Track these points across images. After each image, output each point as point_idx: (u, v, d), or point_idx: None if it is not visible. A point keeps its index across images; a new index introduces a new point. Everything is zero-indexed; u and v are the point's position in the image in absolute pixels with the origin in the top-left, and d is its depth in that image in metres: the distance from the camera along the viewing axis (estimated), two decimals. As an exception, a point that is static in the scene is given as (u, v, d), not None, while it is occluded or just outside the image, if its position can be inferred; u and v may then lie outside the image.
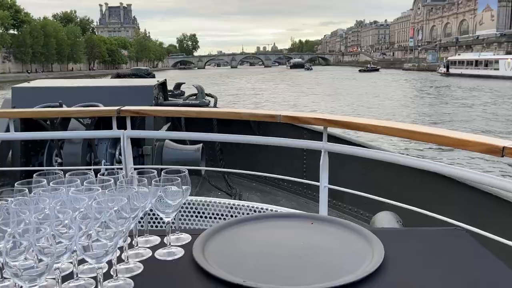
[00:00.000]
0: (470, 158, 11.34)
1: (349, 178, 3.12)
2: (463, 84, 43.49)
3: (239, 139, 2.64)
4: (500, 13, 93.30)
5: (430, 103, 29.22)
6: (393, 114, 23.11)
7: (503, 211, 2.57)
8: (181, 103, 5.55)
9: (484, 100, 29.74)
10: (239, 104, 30.03)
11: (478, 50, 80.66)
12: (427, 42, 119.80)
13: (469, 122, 19.91)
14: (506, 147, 1.40)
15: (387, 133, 1.91)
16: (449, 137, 1.62)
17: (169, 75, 53.27)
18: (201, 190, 4.60)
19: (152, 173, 1.22)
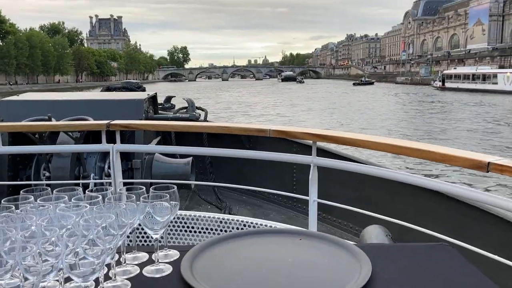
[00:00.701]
0: (460, 173, 11.32)
1: (339, 192, 3.27)
2: (462, 99, 42.36)
3: (229, 153, 2.65)
4: (491, 28, 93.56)
5: (429, 118, 28.17)
6: (392, 130, 22.70)
7: (490, 225, 2.58)
8: (172, 116, 5.45)
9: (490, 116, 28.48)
10: (230, 117, 29.55)
11: (470, 64, 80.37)
12: (418, 56, 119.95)
13: (470, 139, 19.30)
14: (491, 163, 1.42)
15: (374, 148, 1.93)
16: (436, 152, 1.65)
17: (159, 88, 51.63)
18: (190, 204, 4.56)
19: (140, 189, 1.23)
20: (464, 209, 2.73)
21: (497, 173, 1.42)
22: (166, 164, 4.16)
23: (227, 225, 2.31)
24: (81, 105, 4.52)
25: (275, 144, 3.97)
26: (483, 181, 10.67)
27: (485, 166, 1.44)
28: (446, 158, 1.61)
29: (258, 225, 2.29)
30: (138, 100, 4.57)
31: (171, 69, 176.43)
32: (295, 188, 4.35)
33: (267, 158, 2.54)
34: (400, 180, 1.95)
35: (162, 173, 4.04)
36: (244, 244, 1.27)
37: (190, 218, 2.31)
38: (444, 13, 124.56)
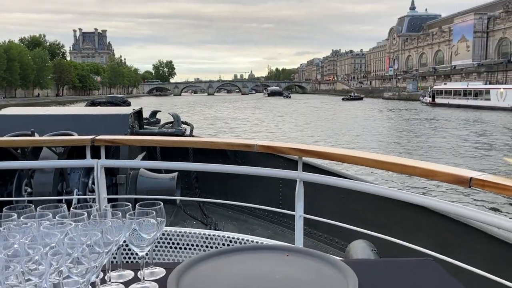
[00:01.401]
0: (447, 188, 11.27)
1: (325, 207, 3.29)
2: (454, 115, 41.46)
3: (215, 169, 2.65)
4: (475, 44, 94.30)
5: (421, 134, 27.17)
6: (383, 146, 22.41)
7: (472, 240, 2.62)
8: (157, 131, 5.34)
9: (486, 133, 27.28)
10: (215, 133, 28.50)
11: (457, 79, 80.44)
12: (403, 72, 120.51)
13: (462, 156, 18.96)
14: (473, 178, 1.44)
15: (359, 163, 1.95)
16: (418, 168, 1.67)
17: (143, 102, 49.68)
18: (175, 219, 4.51)
19: (126, 206, 1.21)
20: (447, 224, 2.74)
21: (479, 188, 1.43)
22: (151, 179, 4.04)
23: (213, 241, 2.31)
24: (65, 120, 4.44)
25: (261, 159, 3.92)
26: (466, 195, 10.74)
27: (467, 181, 1.45)
28: (429, 173, 1.63)
29: (244, 241, 2.30)
30: (123, 115, 4.48)
31: (156, 83, 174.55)
32: (281, 203, 4.27)
33: (254, 173, 2.56)
34: (384, 195, 1.96)
35: (147, 189, 3.93)
36: (231, 261, 1.26)
37: (176, 234, 2.32)
38: (428, 29, 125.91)
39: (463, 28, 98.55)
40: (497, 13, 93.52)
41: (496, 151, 20.33)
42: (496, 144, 22.70)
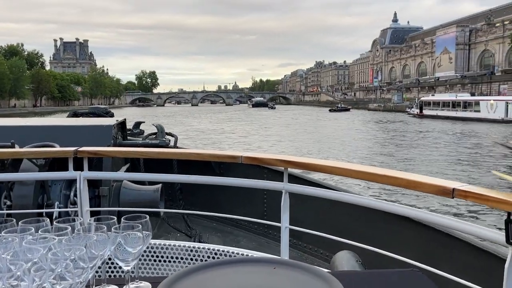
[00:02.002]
0: (432, 198, 11.11)
1: (310, 218, 3.26)
2: (445, 127, 40.72)
3: (200, 180, 2.65)
4: (458, 56, 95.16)
5: (410, 146, 26.29)
6: (372, 158, 22.10)
7: (456, 250, 2.66)
8: (141, 142, 5.28)
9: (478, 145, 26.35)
10: (200, 144, 28.32)
11: (441, 91, 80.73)
12: (386, 83, 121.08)
13: (451, 167, 18.76)
14: (455, 189, 1.46)
15: (344, 174, 1.97)
16: (402, 179, 1.69)
17: (125, 113, 47.95)
18: (159, 232, 4.46)
19: (111, 219, 1.19)
20: (431, 234, 2.76)
21: (462, 198, 1.45)
22: (134, 191, 3.96)
23: (198, 253, 2.30)
24: (46, 131, 4.35)
25: (246, 170, 3.88)
26: (451, 206, 10.77)
27: (450, 192, 1.47)
28: (413, 184, 1.64)
29: (229, 253, 2.29)
30: (107, 126, 4.45)
31: (139, 94, 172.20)
32: (266, 214, 4.23)
33: (239, 185, 2.57)
34: (369, 205, 1.98)
35: (131, 201, 3.85)
36: (218, 274, 1.25)
37: (160, 247, 2.29)
38: (411, 41, 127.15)
39: (445, 40, 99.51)
40: (478, 25, 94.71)
41: (486, 163, 19.96)
42: (487, 156, 22.20)
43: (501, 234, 1.31)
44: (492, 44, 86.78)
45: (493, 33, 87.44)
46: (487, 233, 1.41)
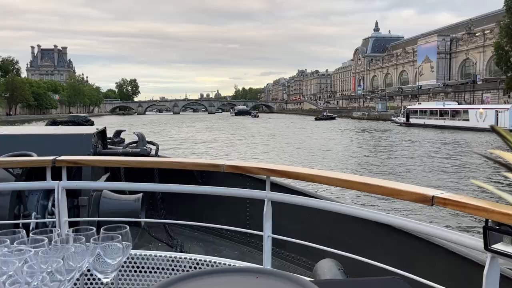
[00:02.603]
0: (413, 206, 11.34)
1: (293, 226, 3.32)
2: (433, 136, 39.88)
3: (181, 189, 2.65)
4: (439, 65, 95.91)
5: (399, 156, 25.37)
6: (358, 167, 21.92)
7: (436, 257, 2.70)
8: (121, 151, 5.10)
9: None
10: (182, 153, 27.79)
11: (424, 99, 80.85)
12: (369, 92, 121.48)
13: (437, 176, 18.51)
14: (435, 196, 1.48)
15: (327, 182, 1.98)
16: (384, 187, 1.71)
17: (104, 121, 46.22)
18: (140, 242, 4.39)
19: (90, 230, 1.16)
20: (412, 241, 2.78)
21: (441, 206, 1.47)
22: (114, 200, 3.88)
23: (179, 263, 2.29)
24: (23, 140, 4.32)
25: (228, 179, 3.85)
26: (433, 213, 10.94)
27: (430, 199, 1.49)
28: (394, 192, 1.66)
29: (211, 263, 2.30)
30: (86, 135, 4.41)
31: (119, 102, 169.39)
32: (248, 223, 4.21)
33: (221, 194, 2.52)
34: (351, 214, 2.00)
35: (110, 210, 3.77)
36: (200, 285, 1.24)
37: (140, 257, 2.27)
38: (393, 50, 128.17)
39: (427, 49, 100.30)
40: (459, 34, 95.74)
41: (470, 172, 19.67)
42: (471, 165, 21.70)
43: (479, 240, 1.33)
44: (473, 53, 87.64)
45: (473, 42, 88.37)
46: (466, 240, 1.45)
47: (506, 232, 1.22)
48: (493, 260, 1.29)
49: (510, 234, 1.22)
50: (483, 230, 1.27)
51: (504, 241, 1.25)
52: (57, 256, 0.96)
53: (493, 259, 1.28)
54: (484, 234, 1.28)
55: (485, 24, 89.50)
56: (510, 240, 1.22)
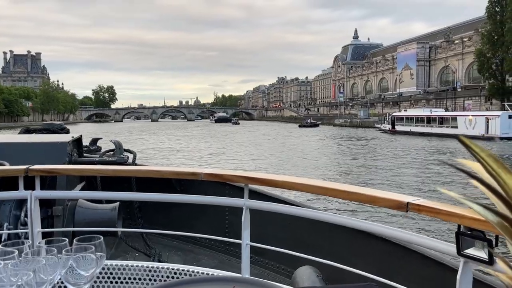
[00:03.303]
0: (391, 213, 10.99)
1: (271, 234, 3.31)
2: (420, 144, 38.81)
3: (159, 198, 2.65)
4: (419, 72, 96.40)
5: (385, 166, 24.07)
6: (343, 175, 21.68)
7: (412, 262, 2.73)
8: (98, 159, 5.02)
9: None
10: (160, 163, 25.91)
11: (405, 106, 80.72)
12: (349, 99, 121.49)
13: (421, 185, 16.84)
14: (410, 203, 1.51)
15: (305, 190, 2.02)
16: (360, 194, 1.74)
17: (79, 129, 43.73)
18: (116, 252, 4.35)
19: (62, 241, 1.14)
20: (388, 248, 2.81)
21: (416, 212, 1.50)
22: (90, 210, 3.78)
23: (157, 273, 2.26)
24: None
25: (207, 187, 3.80)
26: (411, 219, 11.18)
27: (405, 206, 1.52)
28: (369, 199, 1.70)
29: (189, 272, 2.29)
30: (61, 143, 4.34)
31: (95, 109, 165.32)
32: (227, 231, 4.16)
33: (199, 202, 2.54)
34: (329, 221, 2.03)
35: (86, 220, 3.67)
36: None
37: (117, 268, 2.24)
38: (372, 58, 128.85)
39: (406, 56, 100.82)
40: (438, 42, 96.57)
41: (449, 179, 19.09)
42: (449, 172, 20.80)
43: (452, 246, 1.36)
44: (451, 61, 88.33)
45: (452, 50, 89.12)
46: (440, 245, 1.47)
47: (477, 237, 1.25)
48: (466, 264, 1.31)
49: (481, 239, 1.24)
50: (456, 235, 1.31)
51: (476, 246, 1.27)
52: (28, 269, 0.94)
53: (466, 263, 1.31)
54: (457, 239, 1.31)
55: (463, 32, 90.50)
56: (482, 245, 1.25)
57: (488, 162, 0.46)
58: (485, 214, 0.46)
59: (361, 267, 1.83)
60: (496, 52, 55.55)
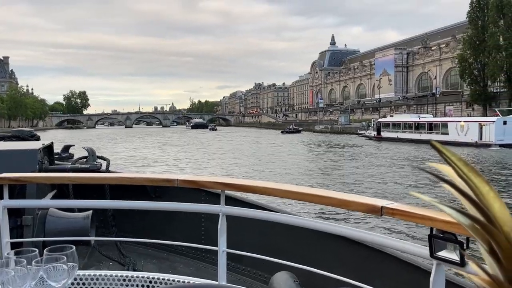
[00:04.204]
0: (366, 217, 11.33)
1: (248, 240, 3.34)
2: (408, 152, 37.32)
3: (133, 206, 2.59)
4: (397, 78, 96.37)
5: (376, 176, 22.46)
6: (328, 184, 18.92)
7: (387, 266, 2.77)
8: (70, 167, 4.94)
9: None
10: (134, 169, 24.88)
11: (385, 112, 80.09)
12: (326, 105, 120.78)
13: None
14: (384, 207, 1.52)
15: (280, 195, 2.03)
16: (334, 198, 1.76)
17: (49, 136, 40.29)
18: (90, 261, 4.27)
19: (32, 252, 1.11)
20: (364, 251, 2.84)
21: (390, 216, 1.51)
22: (62, 219, 3.71)
23: (132, 282, 2.25)
24: None
25: (182, 194, 3.73)
26: (391, 223, 11.23)
27: (379, 210, 1.53)
28: (344, 203, 1.71)
29: (165, 281, 2.28)
30: (32, 151, 4.28)
31: (66, 115, 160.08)
32: (203, 238, 4.15)
33: (174, 209, 2.50)
34: (306, 226, 2.04)
35: (58, 229, 3.57)
36: None
37: (90, 278, 2.21)
38: (350, 64, 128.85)
39: (384, 62, 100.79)
40: (415, 48, 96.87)
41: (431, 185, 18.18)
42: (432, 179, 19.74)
43: (426, 248, 1.37)
44: (429, 67, 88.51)
45: (429, 56, 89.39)
46: (413, 248, 1.49)
47: (449, 240, 1.28)
48: (439, 266, 1.34)
49: (453, 241, 1.27)
50: (429, 238, 1.33)
51: (448, 248, 1.30)
52: None
53: (439, 265, 1.34)
54: (430, 242, 1.33)
55: (440, 38, 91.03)
56: (454, 247, 1.28)
57: (459, 166, 0.47)
58: (457, 217, 0.47)
59: (337, 271, 1.83)
60: (478, 57, 55.13)
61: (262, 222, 2.56)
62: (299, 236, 3.24)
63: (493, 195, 0.46)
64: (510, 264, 0.44)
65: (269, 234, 3.54)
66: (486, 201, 0.46)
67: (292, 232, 3.15)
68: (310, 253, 3.21)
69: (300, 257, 2.55)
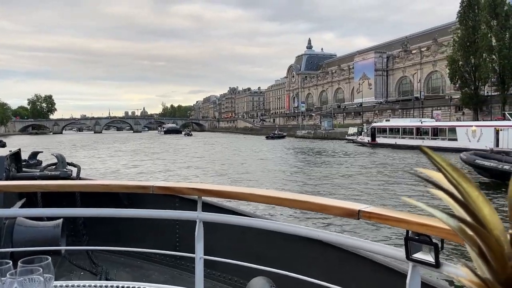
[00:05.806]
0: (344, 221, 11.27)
1: (225, 246, 3.36)
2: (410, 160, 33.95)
3: (105, 213, 2.59)
4: (377, 82, 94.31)
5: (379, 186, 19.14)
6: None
7: (362, 268, 2.79)
8: (38, 174, 4.89)
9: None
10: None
11: (368, 117, 77.40)
12: (305, 110, 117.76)
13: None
14: (361, 210, 1.54)
15: (257, 200, 2.04)
16: (311, 202, 1.78)
17: (11, 142, 35.18)
18: (59, 271, 4.19)
19: (6, 264, 1.09)
20: (340, 255, 2.85)
21: (367, 219, 1.54)
22: (30, 228, 3.64)
23: None
24: None
25: (156, 200, 3.74)
26: (371, 226, 10.95)
27: (356, 213, 1.55)
28: (322, 207, 1.72)
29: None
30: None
31: (31, 120, 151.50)
32: (178, 245, 4.13)
33: (148, 216, 2.46)
34: (283, 230, 2.06)
35: (26, 239, 3.51)
36: None
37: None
38: (327, 68, 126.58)
39: (363, 66, 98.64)
40: (395, 52, 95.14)
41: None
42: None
43: (401, 251, 1.39)
44: (410, 70, 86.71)
45: (410, 60, 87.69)
46: (389, 250, 1.51)
47: (424, 242, 1.30)
48: (414, 268, 1.36)
49: (428, 243, 1.30)
50: (404, 240, 1.35)
51: (423, 250, 1.32)
52: None
53: (414, 267, 1.36)
54: (406, 244, 1.35)
55: (420, 42, 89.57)
56: (429, 249, 1.30)
57: (449, 172, 0.48)
58: (447, 220, 0.47)
59: (314, 275, 1.84)
60: (468, 59, 52.78)
61: (238, 227, 2.51)
62: (276, 240, 3.18)
63: (482, 200, 0.47)
64: (500, 267, 0.45)
65: (246, 239, 3.45)
66: (476, 206, 0.47)
67: (269, 237, 3.07)
68: (286, 258, 3.15)
69: (277, 262, 2.54)
